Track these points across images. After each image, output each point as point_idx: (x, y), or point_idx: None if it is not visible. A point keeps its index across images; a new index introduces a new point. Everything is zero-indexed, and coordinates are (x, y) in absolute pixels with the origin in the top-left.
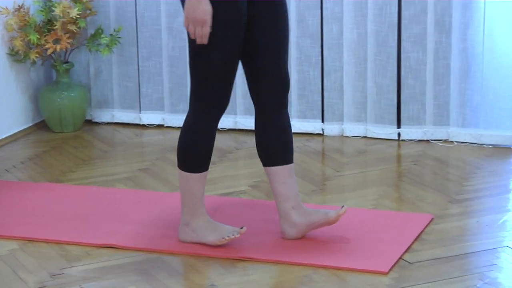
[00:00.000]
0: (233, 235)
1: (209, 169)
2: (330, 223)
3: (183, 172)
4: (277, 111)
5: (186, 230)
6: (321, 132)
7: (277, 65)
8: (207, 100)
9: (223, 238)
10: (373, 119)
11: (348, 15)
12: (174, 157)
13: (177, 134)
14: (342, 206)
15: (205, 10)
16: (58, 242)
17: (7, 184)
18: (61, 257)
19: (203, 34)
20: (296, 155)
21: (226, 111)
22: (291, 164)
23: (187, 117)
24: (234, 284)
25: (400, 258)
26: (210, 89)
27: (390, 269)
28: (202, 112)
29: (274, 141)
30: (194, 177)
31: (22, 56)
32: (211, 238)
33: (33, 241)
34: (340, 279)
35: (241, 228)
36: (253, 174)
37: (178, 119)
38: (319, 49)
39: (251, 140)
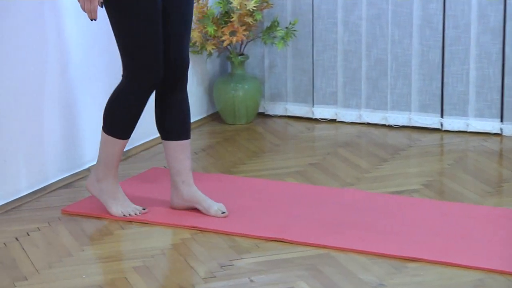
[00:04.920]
0: (135, 213)
1: (380, 166)
2: (207, 214)
3: (109, 136)
4: (179, 90)
5: (95, 184)
6: (499, 132)
7: (181, 46)
8: (140, 66)
9: (124, 215)
10: None
11: None
12: (345, 153)
13: (349, 129)
14: (223, 212)
15: None
16: (228, 233)
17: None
18: (231, 248)
19: (91, 9)
20: (471, 155)
21: (399, 107)
22: (187, 141)
23: (120, 85)
24: (403, 285)
25: None
26: (141, 53)
27: None
28: (135, 80)
29: (173, 118)
30: (117, 143)
31: (199, 48)
32: (114, 209)
33: (204, 231)
34: None
35: (144, 208)
36: (426, 173)
37: (351, 114)
38: (501, 46)
39: (425, 138)
